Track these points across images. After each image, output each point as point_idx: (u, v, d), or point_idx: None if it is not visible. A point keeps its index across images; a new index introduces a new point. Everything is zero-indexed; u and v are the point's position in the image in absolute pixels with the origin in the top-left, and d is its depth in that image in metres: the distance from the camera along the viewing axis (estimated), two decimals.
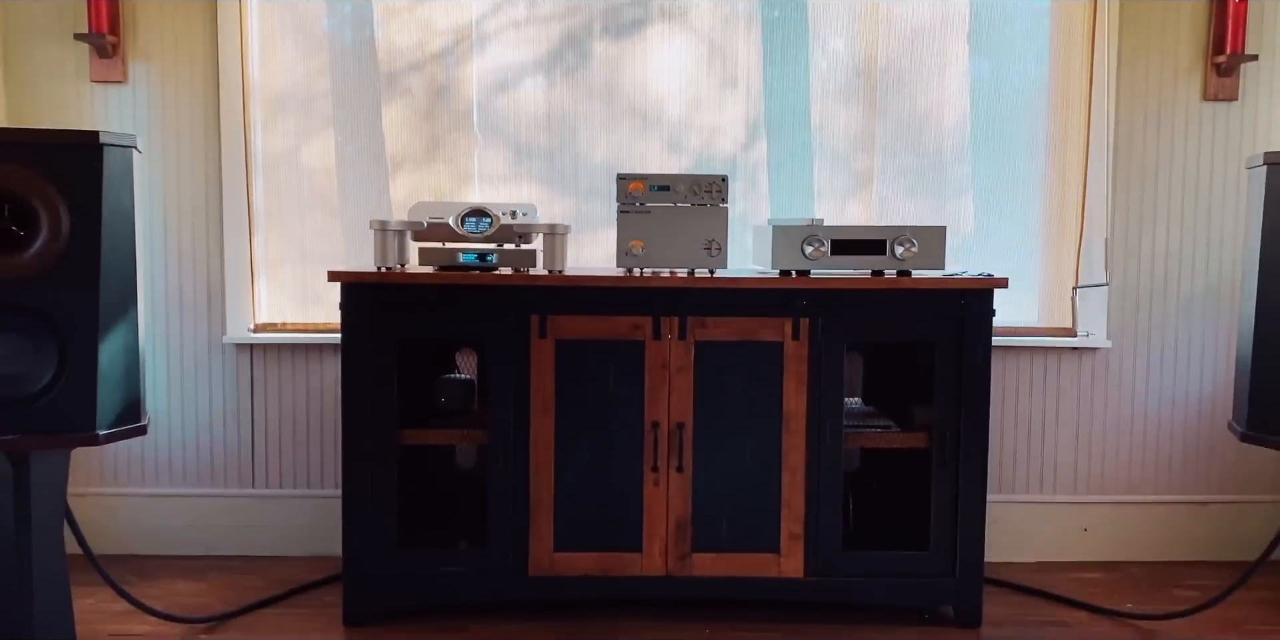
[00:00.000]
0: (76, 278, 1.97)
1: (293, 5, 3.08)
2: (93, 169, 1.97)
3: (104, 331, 2.00)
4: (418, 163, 3.13)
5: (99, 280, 1.99)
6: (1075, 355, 3.14)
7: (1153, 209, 3.12)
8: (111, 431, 2.02)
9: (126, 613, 2.60)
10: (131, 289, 2.08)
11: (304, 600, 2.76)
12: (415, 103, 3.11)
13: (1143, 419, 3.16)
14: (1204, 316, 3.13)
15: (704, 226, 2.60)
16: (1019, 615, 2.71)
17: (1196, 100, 3.10)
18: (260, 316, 3.13)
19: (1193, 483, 3.18)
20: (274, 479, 3.13)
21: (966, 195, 3.15)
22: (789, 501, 2.58)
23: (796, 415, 2.57)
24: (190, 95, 3.05)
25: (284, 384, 3.12)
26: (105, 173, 1.98)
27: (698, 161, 3.14)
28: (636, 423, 2.57)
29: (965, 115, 3.13)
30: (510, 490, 2.56)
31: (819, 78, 3.13)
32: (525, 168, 3.13)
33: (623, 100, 3.12)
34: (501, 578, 2.58)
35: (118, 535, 3.09)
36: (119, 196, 2.02)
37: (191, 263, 3.09)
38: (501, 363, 2.55)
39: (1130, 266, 3.13)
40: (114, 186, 2.00)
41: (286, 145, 3.12)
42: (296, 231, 3.14)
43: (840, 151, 3.15)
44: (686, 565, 2.59)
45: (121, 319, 2.05)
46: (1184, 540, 3.17)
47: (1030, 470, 3.17)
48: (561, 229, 2.60)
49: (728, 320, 2.56)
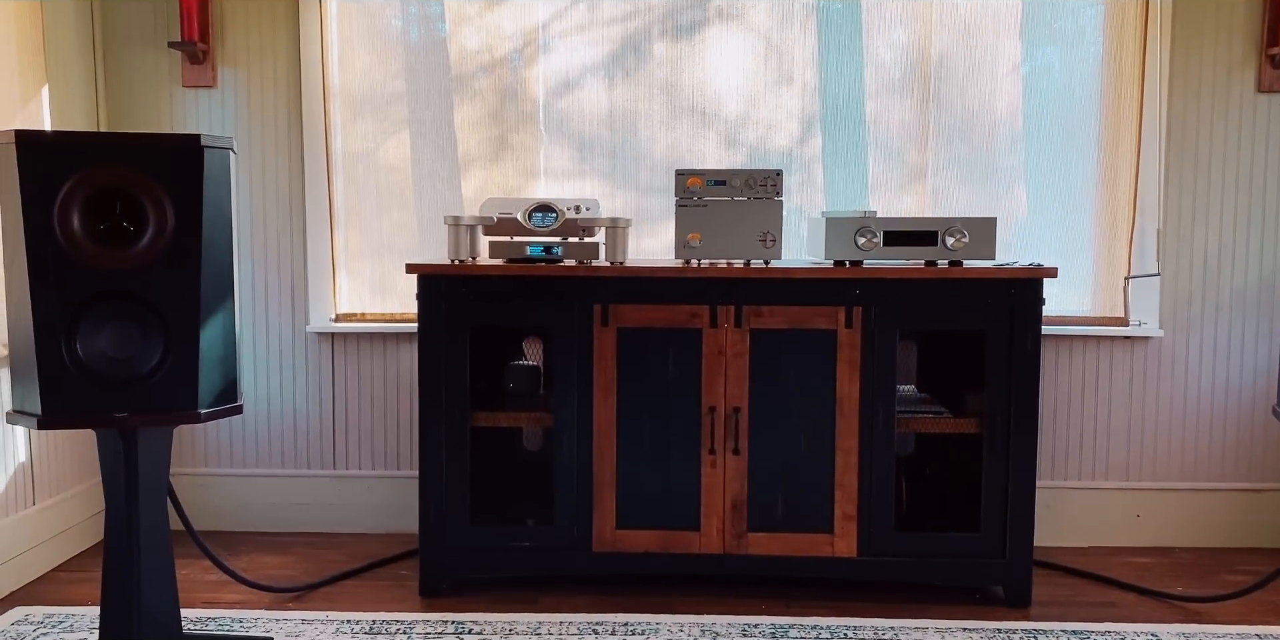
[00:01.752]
0: (180, 269, 2.14)
1: (370, 12, 3.25)
2: (195, 169, 2.14)
3: (204, 318, 2.17)
4: (487, 160, 3.28)
5: (200, 271, 2.15)
6: (1128, 344, 3.19)
7: (1205, 200, 3.15)
8: (212, 410, 2.19)
9: (219, 583, 2.80)
10: (228, 279, 2.25)
11: (382, 573, 2.94)
12: (485, 103, 3.27)
13: (1195, 407, 3.19)
14: (1257, 306, 3.16)
15: (759, 219, 2.71)
16: (1068, 596, 2.77)
17: (1251, 92, 3.12)
18: (341, 307, 3.31)
19: (1245, 470, 3.20)
20: (353, 460, 3.32)
21: (1019, 186, 3.21)
22: (842, 483, 2.68)
23: (849, 400, 2.67)
24: (275, 99, 3.24)
25: (363, 371, 3.30)
26: (206, 172, 2.15)
27: (754, 156, 3.25)
28: (694, 407, 2.69)
29: (1018, 108, 3.19)
30: (574, 471, 2.70)
31: (873, 73, 3.22)
32: (588, 164, 3.27)
33: (682, 98, 3.24)
34: (567, 553, 2.72)
35: (209, 512, 3.30)
36: (218, 194, 2.19)
37: (277, 256, 3.28)
38: (566, 350, 2.69)
39: (1183, 257, 3.16)
40: (214, 185, 2.17)
41: (364, 145, 3.30)
42: (374, 226, 3.32)
43: (894, 145, 3.23)
44: (742, 544, 2.70)
45: (220, 307, 2.22)
46: (1236, 527, 3.20)
47: (1084, 457, 3.22)
48: (623, 222, 2.72)
49: (782, 309, 2.67)
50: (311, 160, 3.24)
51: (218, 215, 2.20)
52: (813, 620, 2.57)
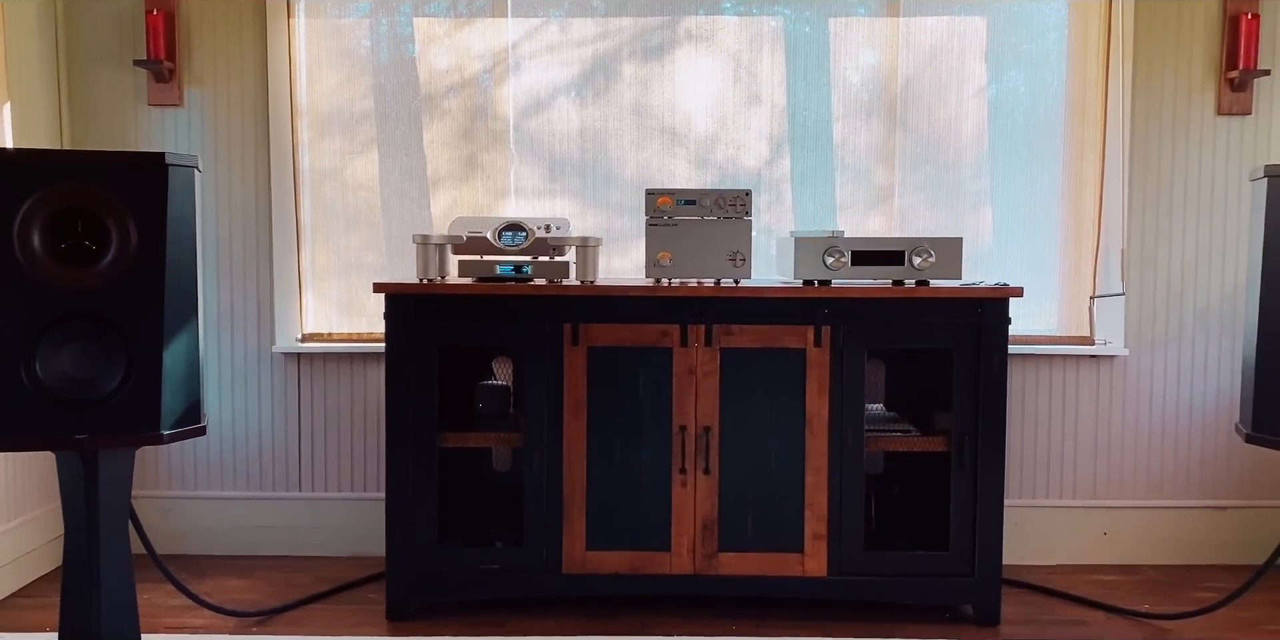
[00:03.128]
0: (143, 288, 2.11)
1: (338, 31, 3.25)
2: (159, 187, 2.11)
3: (167, 338, 2.14)
4: (456, 179, 3.27)
5: (163, 291, 2.12)
6: (1094, 363, 3.22)
7: (1168, 221, 3.20)
8: (174, 431, 2.15)
9: (182, 608, 2.75)
10: (193, 299, 2.22)
11: (349, 597, 2.89)
12: (454, 122, 3.26)
13: (1160, 425, 3.23)
14: (1220, 325, 3.20)
15: (729, 238, 2.72)
16: (1037, 614, 2.78)
17: (1211, 115, 3.18)
18: (307, 326, 3.28)
19: (1211, 487, 3.24)
20: (320, 482, 3.28)
21: (985, 207, 3.25)
22: (812, 502, 2.68)
23: (819, 419, 2.68)
24: (242, 117, 3.22)
25: (329, 391, 3.26)
26: (170, 191, 2.12)
27: (724, 176, 3.26)
28: (665, 426, 2.68)
29: (983, 130, 3.23)
30: (544, 491, 2.68)
31: (840, 95, 3.25)
32: (559, 183, 3.27)
33: (652, 118, 3.25)
34: (536, 575, 2.69)
35: (172, 535, 3.24)
36: (182, 213, 2.16)
37: (243, 276, 3.25)
38: (536, 369, 2.68)
39: (1147, 276, 3.20)
40: (178, 204, 2.15)
41: (332, 163, 3.28)
42: (342, 245, 3.29)
43: (861, 166, 3.25)
44: (713, 564, 2.69)
45: (183, 327, 2.19)
46: (1203, 544, 3.23)
47: (1051, 475, 3.24)
48: (593, 241, 2.72)
49: (752, 328, 2.67)
50: (279, 179, 3.22)
51: (182, 234, 2.17)
52: None
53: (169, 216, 2.13)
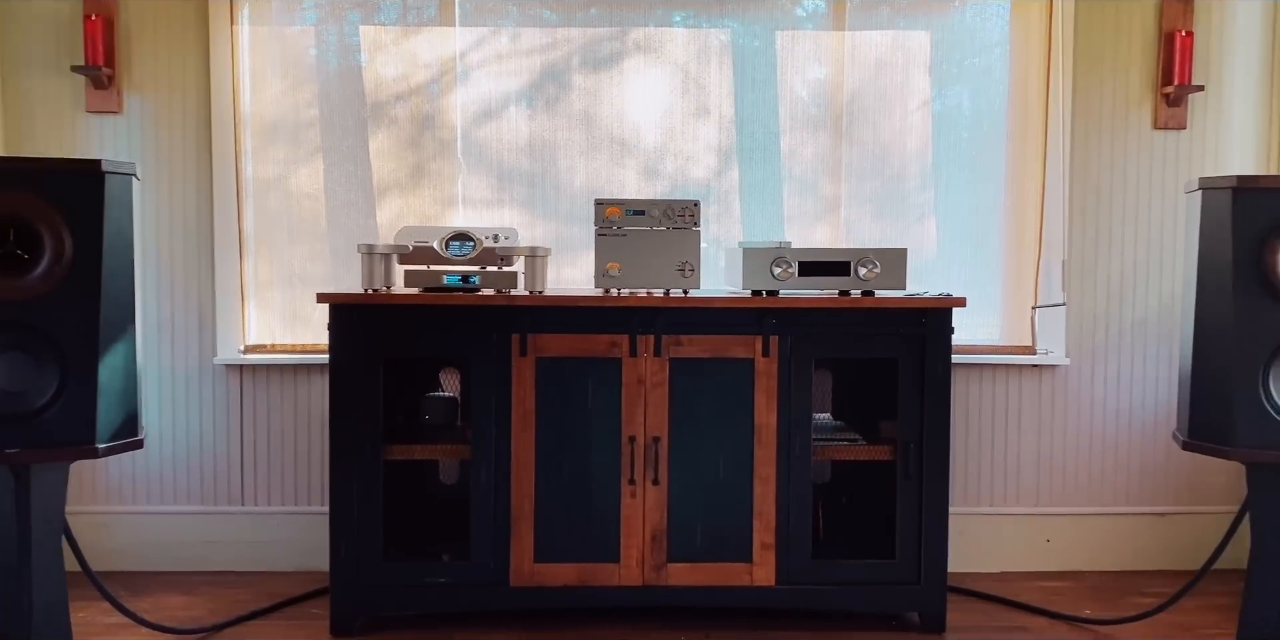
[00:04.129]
0: (78, 299, 2.07)
1: (283, 39, 3.21)
2: (95, 196, 2.07)
3: (103, 350, 2.10)
4: (403, 188, 3.25)
5: (99, 301, 2.08)
6: (1035, 372, 3.27)
7: (1108, 233, 3.26)
8: (110, 445, 2.11)
9: (119, 625, 2.68)
10: (130, 310, 2.18)
11: (292, 612, 2.84)
12: (401, 131, 3.24)
13: (1101, 433, 3.29)
14: (1158, 334, 3.27)
15: (678, 249, 2.72)
16: (982, 621, 2.81)
17: (1148, 129, 3.25)
18: (250, 338, 3.23)
19: (1150, 494, 3.30)
20: (263, 496, 3.22)
21: (929, 219, 3.29)
22: (761, 512, 2.68)
23: (767, 429, 2.68)
24: (183, 125, 3.17)
25: (273, 403, 3.21)
26: (106, 199, 2.09)
27: (673, 187, 3.27)
28: (614, 437, 2.68)
29: (928, 143, 3.28)
30: (492, 504, 2.66)
31: (788, 107, 3.28)
32: (507, 193, 3.26)
33: (601, 129, 3.25)
34: (484, 588, 2.66)
35: (109, 552, 3.16)
36: (119, 222, 2.12)
37: (184, 286, 3.19)
38: (483, 380, 2.66)
39: (1087, 287, 3.27)
40: (114, 212, 2.11)
41: (276, 172, 3.24)
42: (285, 255, 3.25)
43: (808, 178, 3.28)
44: (662, 575, 2.68)
45: (120, 338, 2.15)
46: (1143, 550, 3.29)
47: (994, 483, 3.28)
48: (542, 251, 2.71)
49: (701, 338, 2.68)
50: (221, 187, 3.17)
51: (119, 243, 2.13)
52: None
53: (105, 225, 2.09)
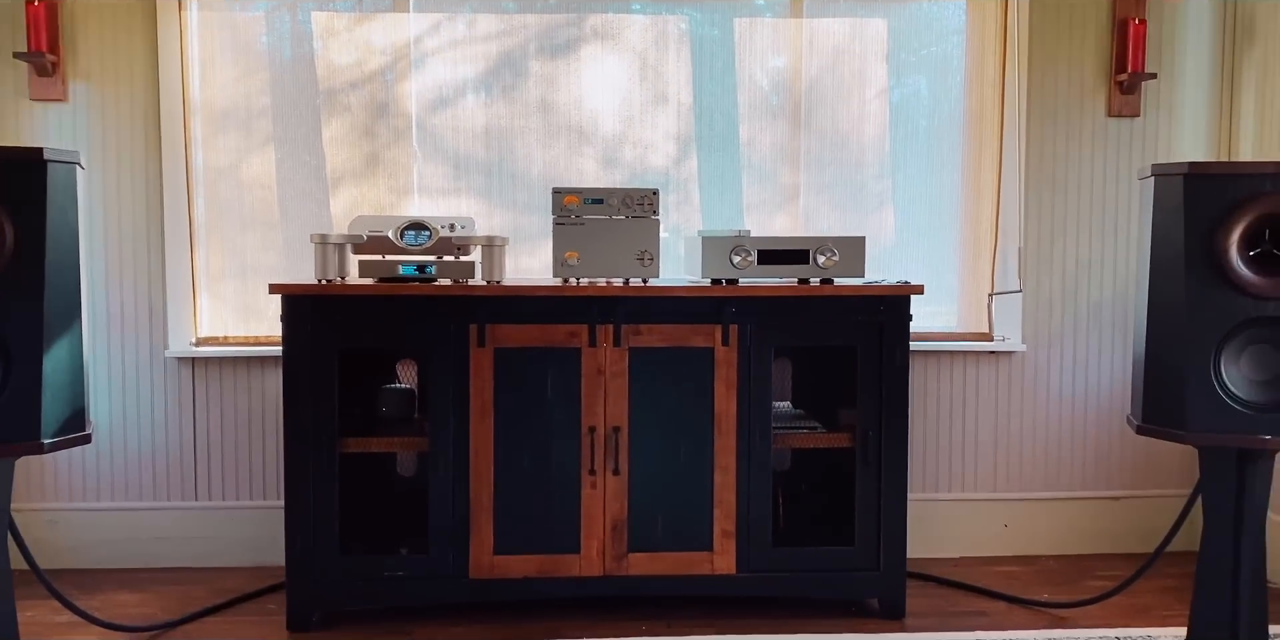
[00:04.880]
0: (21, 290, 2.01)
1: (233, 24, 3.14)
2: (37, 184, 2.01)
3: (48, 342, 2.04)
4: (358, 177, 3.20)
5: (43, 292, 2.02)
6: (992, 359, 3.30)
7: (1063, 219, 3.29)
8: (56, 440, 2.05)
9: (68, 624, 2.63)
10: (75, 301, 2.12)
11: (248, 608, 2.80)
12: (355, 119, 3.19)
13: (1057, 418, 3.32)
14: (1112, 320, 3.31)
15: (637, 238, 2.71)
16: (941, 606, 2.83)
17: (1102, 116, 3.28)
18: (202, 330, 3.17)
19: (1105, 478, 3.34)
20: (217, 491, 3.17)
21: (888, 207, 3.30)
22: (721, 501, 2.68)
23: (727, 417, 2.68)
24: (131, 113, 3.10)
25: (226, 397, 3.16)
26: (49, 188, 2.02)
27: (632, 175, 3.25)
28: (574, 427, 2.66)
29: (885, 131, 3.28)
30: (450, 496, 2.63)
31: (746, 96, 3.26)
32: (464, 182, 3.22)
33: (558, 116, 3.22)
34: (443, 581, 2.64)
35: (59, 550, 3.10)
36: (63, 211, 2.07)
37: (133, 278, 3.12)
38: (441, 372, 2.63)
39: (1043, 274, 3.29)
40: (58, 202, 2.05)
41: (227, 161, 3.18)
42: (238, 246, 3.19)
43: (767, 167, 3.28)
44: (623, 565, 2.67)
45: (65, 330, 2.09)
46: (1098, 533, 3.33)
47: (952, 469, 3.31)
48: (499, 241, 2.68)
49: (660, 327, 2.67)
50: (170, 177, 3.10)
51: (63, 233, 2.07)
52: (692, 639, 2.56)
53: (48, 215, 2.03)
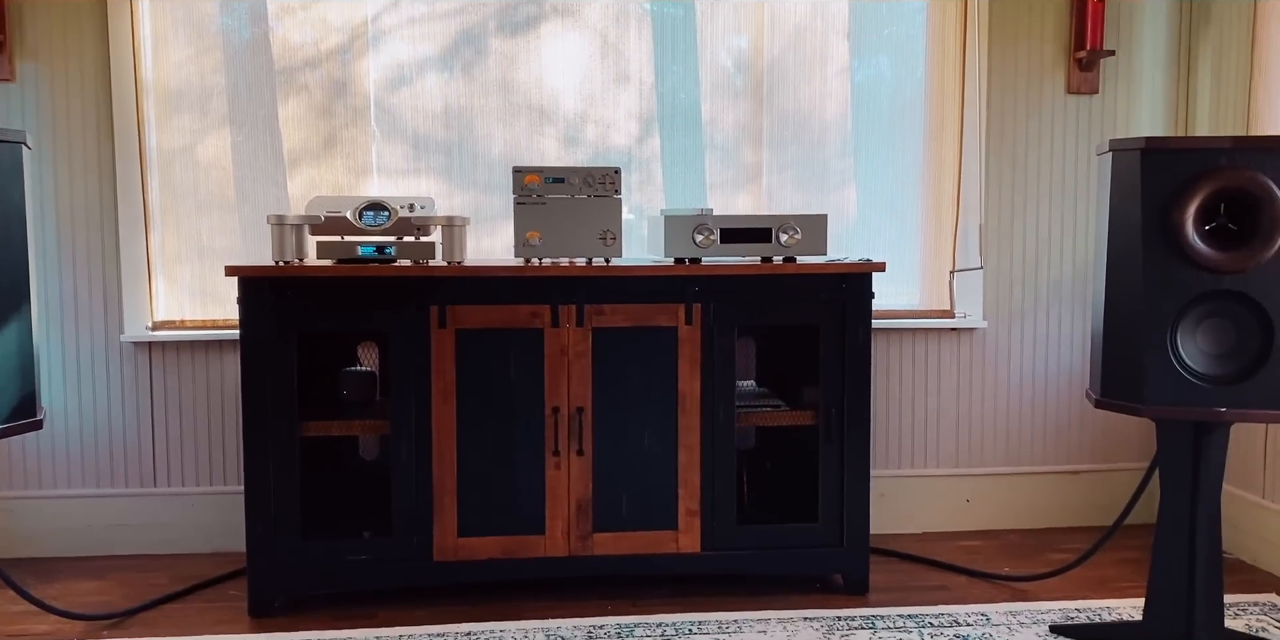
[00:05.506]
0: None
1: (186, 3, 3.07)
2: None
3: None
4: (315, 158, 3.15)
5: None
6: (954, 336, 3.32)
7: (1023, 197, 3.31)
8: (6, 426, 2.02)
9: (24, 613, 2.59)
10: (24, 286, 2.08)
11: (209, 595, 2.77)
12: (312, 98, 3.14)
13: (1018, 394, 3.35)
14: (1072, 296, 3.34)
15: (599, 217, 2.69)
16: (904, 581, 2.86)
17: (1061, 93, 3.29)
18: (158, 314, 3.12)
19: (1065, 453, 3.38)
20: (176, 477, 3.13)
21: (850, 186, 3.30)
22: (685, 480, 2.68)
23: (691, 396, 2.68)
24: (81, 93, 3.03)
25: (184, 381, 3.11)
26: None
27: (594, 155, 3.23)
28: (537, 408, 2.65)
29: (847, 110, 3.28)
30: (413, 479, 2.61)
31: (708, 74, 3.25)
32: (424, 162, 3.18)
33: (519, 95, 3.19)
34: (406, 564, 2.63)
35: (14, 539, 3.05)
36: (9, 193, 2.02)
37: (86, 262, 3.06)
38: (402, 354, 2.60)
39: (1003, 251, 3.31)
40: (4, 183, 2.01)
41: (182, 142, 3.12)
42: (193, 228, 3.14)
43: (730, 145, 3.26)
44: (588, 545, 2.67)
45: (14, 315, 2.05)
46: (1059, 508, 3.37)
47: (915, 446, 3.33)
48: (459, 221, 2.66)
49: (624, 307, 2.65)
50: (123, 158, 3.04)
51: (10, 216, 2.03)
52: (658, 617, 2.56)
53: None
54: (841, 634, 2.47)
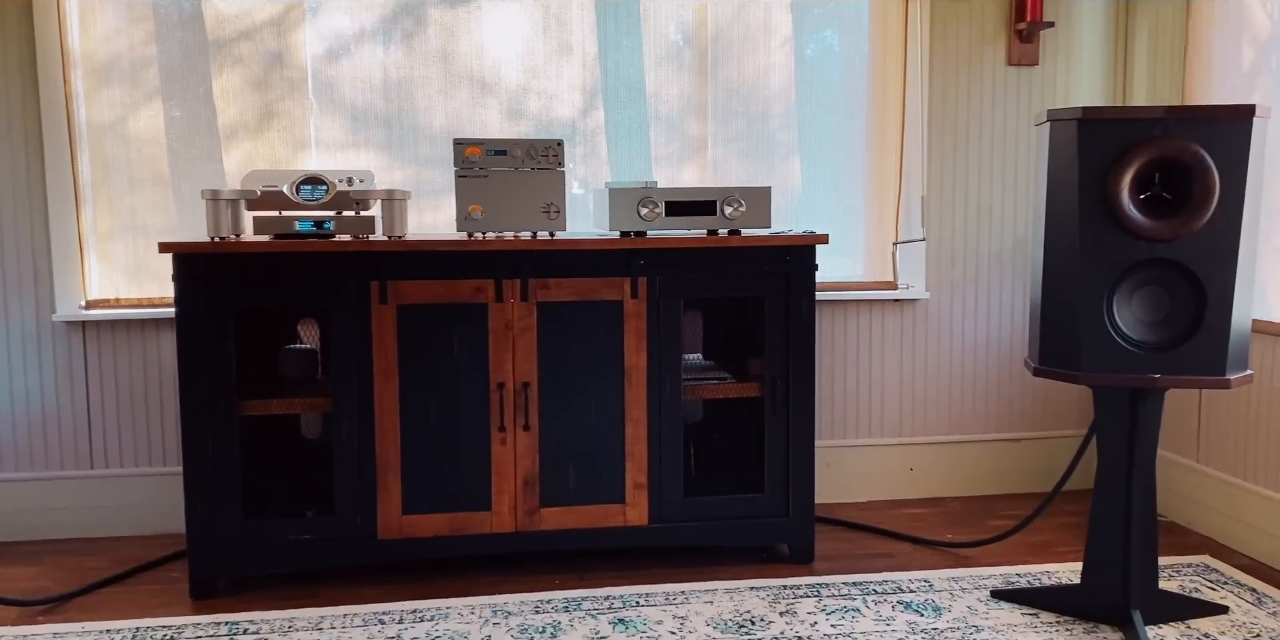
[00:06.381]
0: None
1: None
2: None
3: None
4: (252, 131, 3.08)
5: None
6: (897, 307, 3.34)
7: (964, 168, 3.33)
8: None
9: None
10: None
11: (149, 577, 2.72)
12: (247, 71, 3.06)
13: (960, 364, 3.39)
14: (1012, 267, 3.38)
15: (542, 190, 2.66)
16: (849, 549, 2.89)
17: (1002, 65, 3.31)
18: (92, 292, 3.04)
19: (1006, 421, 3.43)
20: (114, 458, 3.06)
21: (794, 158, 3.29)
22: (633, 453, 2.68)
23: (638, 370, 2.67)
24: (4, 66, 2.92)
25: (120, 361, 3.04)
26: None
27: (538, 127, 3.19)
28: (482, 384, 2.62)
29: (791, 82, 3.27)
30: (355, 457, 2.58)
31: (652, 46, 3.22)
32: (363, 135, 3.12)
33: (460, 66, 3.13)
34: (350, 543, 2.60)
35: None
36: None
37: (15, 239, 2.97)
38: (342, 331, 2.56)
39: (945, 223, 3.34)
40: None
41: (113, 116, 3.03)
42: (126, 204, 3.05)
43: (674, 117, 3.24)
44: (535, 520, 2.66)
45: None
46: (1000, 475, 3.43)
47: (860, 416, 3.36)
48: (400, 195, 2.61)
49: (569, 281, 2.64)
50: (51, 133, 2.94)
51: None
52: (605, 590, 2.57)
53: None
54: (787, 602, 2.50)
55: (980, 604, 2.49)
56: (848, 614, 2.43)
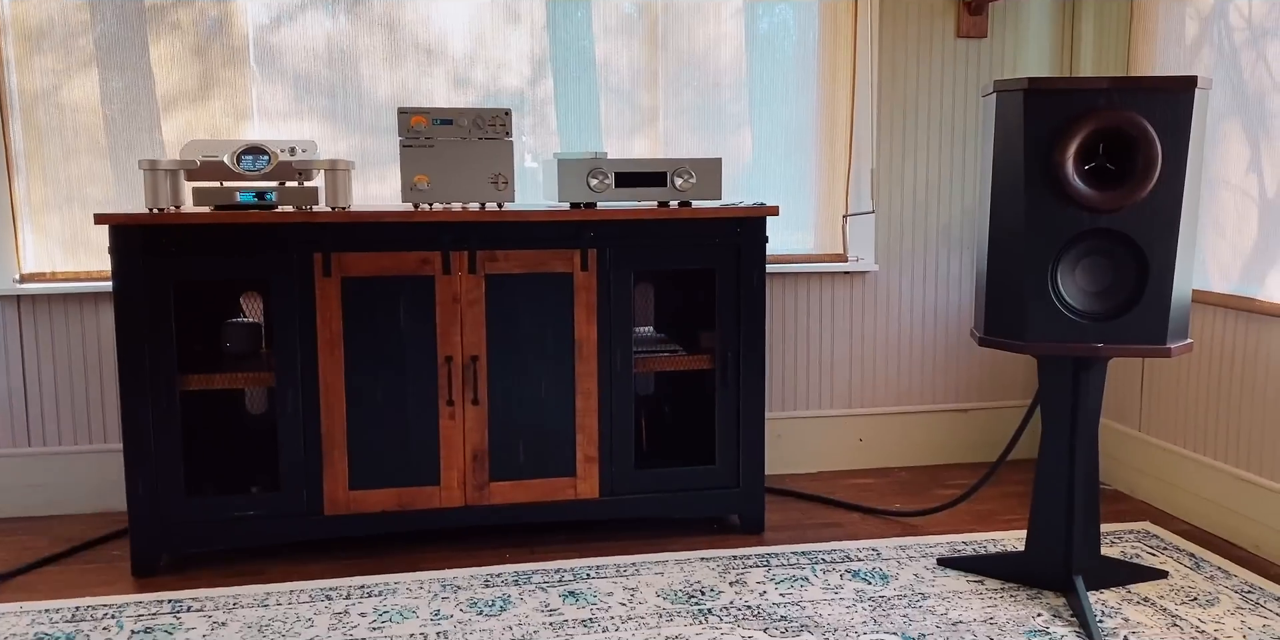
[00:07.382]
0: None
1: None
2: None
3: None
4: (191, 100, 3.00)
5: None
6: (847, 279, 3.35)
7: (914, 141, 3.34)
8: None
9: None
10: None
11: (90, 556, 2.67)
12: (185, 37, 2.97)
13: (908, 335, 3.42)
14: (961, 239, 3.40)
15: (490, 160, 2.62)
16: (799, 520, 2.91)
17: (951, 38, 3.32)
18: (26, 266, 2.96)
19: (954, 392, 3.47)
20: (52, 436, 2.99)
21: (745, 130, 3.28)
22: (583, 426, 2.67)
23: (588, 343, 2.66)
24: None
25: (57, 335, 2.96)
26: None
27: (486, 97, 3.14)
28: (430, 358, 2.60)
29: (742, 53, 3.25)
30: (300, 431, 2.55)
31: (601, 14, 3.17)
32: (307, 104, 3.05)
33: (405, 34, 3.07)
34: (296, 519, 2.57)
35: None
36: None
37: None
38: (285, 304, 2.52)
39: (894, 195, 3.35)
40: None
41: (46, 83, 2.93)
42: (61, 175, 2.97)
43: (624, 88, 3.21)
44: (485, 494, 2.65)
45: None
46: (946, 445, 3.47)
47: (810, 387, 3.38)
48: (343, 165, 2.56)
49: (517, 253, 2.61)
50: None
51: None
52: (556, 564, 2.57)
53: None
54: (737, 573, 2.51)
55: (927, 572, 2.52)
56: (796, 583, 2.45)
